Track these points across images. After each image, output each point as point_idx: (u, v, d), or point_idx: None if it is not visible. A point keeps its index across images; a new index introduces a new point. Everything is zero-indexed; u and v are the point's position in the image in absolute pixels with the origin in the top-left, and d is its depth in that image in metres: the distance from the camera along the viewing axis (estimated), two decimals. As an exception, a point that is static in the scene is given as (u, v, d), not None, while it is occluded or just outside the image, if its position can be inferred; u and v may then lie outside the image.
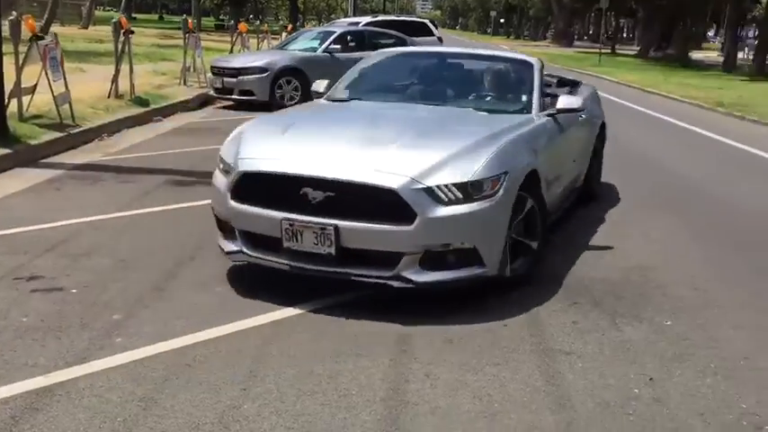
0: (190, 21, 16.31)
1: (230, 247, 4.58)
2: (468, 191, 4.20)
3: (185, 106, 13.46)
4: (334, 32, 15.62)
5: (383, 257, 4.18)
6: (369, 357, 3.72)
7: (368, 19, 21.64)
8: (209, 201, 4.95)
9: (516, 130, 4.97)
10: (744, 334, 4.15)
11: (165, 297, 4.44)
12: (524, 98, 5.76)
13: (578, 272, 5.10)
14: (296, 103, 14.04)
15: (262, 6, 71.48)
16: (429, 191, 4.13)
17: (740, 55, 37.25)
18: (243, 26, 20.16)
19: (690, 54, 36.33)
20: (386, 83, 6.51)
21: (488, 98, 6.00)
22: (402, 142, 4.53)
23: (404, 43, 16.41)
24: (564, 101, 5.53)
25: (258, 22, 26.81)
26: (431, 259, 4.19)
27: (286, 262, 4.32)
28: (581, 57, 41.06)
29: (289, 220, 4.19)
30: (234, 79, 13.94)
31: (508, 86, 6.13)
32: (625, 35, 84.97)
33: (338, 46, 15.00)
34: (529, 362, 3.73)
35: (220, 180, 4.65)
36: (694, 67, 33.37)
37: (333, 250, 4.15)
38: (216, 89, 14.35)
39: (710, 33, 79.01)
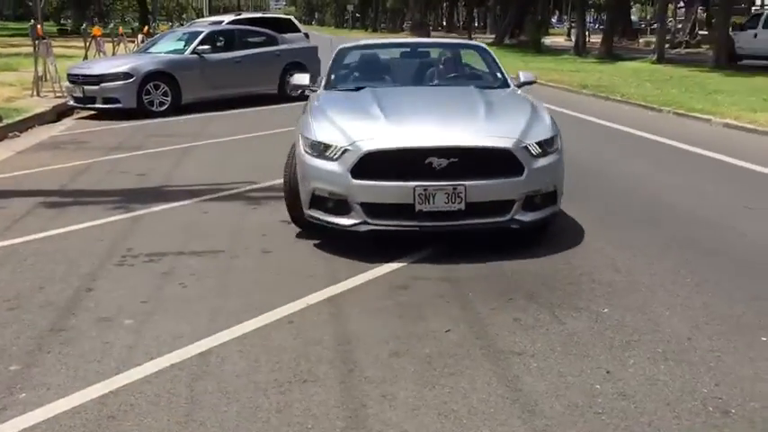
0: (39, 26, 15.07)
1: (348, 221, 5.17)
2: (545, 147, 5.28)
3: (43, 119, 12.40)
4: (201, 32, 14.90)
5: (497, 206, 5.13)
6: (315, 383, 3.43)
7: (231, 17, 20.87)
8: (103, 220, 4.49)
9: (530, 100, 6.10)
10: (677, 314, 4.17)
11: (69, 338, 3.93)
12: (498, 75, 7.00)
13: (505, 266, 5.00)
14: (166, 110, 13.36)
15: (107, 8, 67.95)
16: (527, 148, 5.16)
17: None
18: (97, 30, 18.95)
19: (542, 40, 37.79)
20: (372, 72, 7.18)
21: (470, 77, 7.19)
22: (480, 114, 5.49)
23: (275, 41, 15.97)
24: (523, 75, 7.07)
25: (111, 25, 25.20)
26: (528, 203, 5.20)
27: (416, 224, 5.06)
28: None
29: (422, 186, 4.93)
30: (95, 87, 13.01)
31: (478, 67, 7.35)
32: (477, 24, 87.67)
33: (207, 47, 14.35)
34: (483, 368, 3.56)
35: (327, 162, 5.17)
36: (547, 52, 34.75)
37: (462, 206, 4.98)
38: (76, 99, 13.35)
39: (554, 20, 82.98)
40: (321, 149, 5.26)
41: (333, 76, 6.94)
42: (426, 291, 4.57)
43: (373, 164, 5.04)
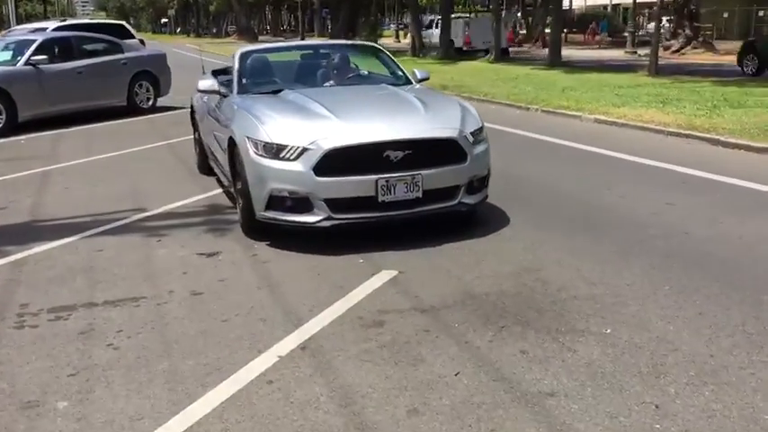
0: None
1: (311, 218, 5.29)
2: (477, 136, 5.75)
3: None
4: (34, 40, 13.29)
5: (447, 192, 5.51)
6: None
7: (56, 24, 19.01)
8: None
9: (450, 96, 7.17)
10: (682, 328, 3.95)
11: (-5, 440, 3.03)
12: (400, 73, 7.27)
13: (473, 287, 4.60)
14: (1, 130, 11.78)
15: None
16: (466, 138, 5.58)
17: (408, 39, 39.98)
18: None
19: (377, 41, 38.27)
20: (281, 75, 7.18)
21: (376, 75, 7.46)
22: (420, 109, 5.80)
23: (119, 48, 14.64)
24: (419, 73, 7.30)
25: None
26: (470, 187, 5.64)
27: (378, 214, 5.30)
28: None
29: (383, 177, 5.20)
30: None
31: (378, 65, 7.55)
32: (299, 27, 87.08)
33: (42, 56, 12.79)
34: (523, 417, 3.12)
35: (284, 163, 5.25)
36: (385, 53, 35.07)
37: (420, 194, 5.31)
38: None
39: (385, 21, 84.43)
40: (275, 151, 5.30)
41: (244, 81, 6.76)
42: (405, 326, 4.07)
43: (334, 161, 5.18)
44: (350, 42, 8.68)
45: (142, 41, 19.51)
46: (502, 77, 19.89)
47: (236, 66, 6.86)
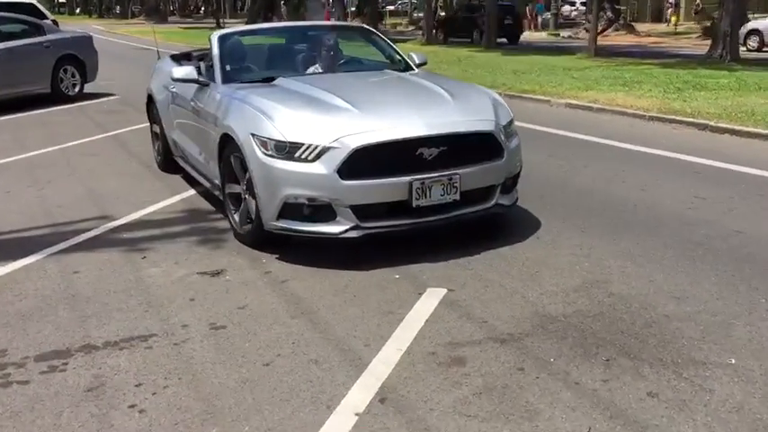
0: None
1: (335, 227, 4.54)
2: (510, 128, 5.10)
3: None
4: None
5: (484, 193, 4.87)
6: None
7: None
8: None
9: (468, 84, 6.13)
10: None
11: None
12: (397, 57, 6.55)
13: (547, 308, 3.98)
14: None
15: None
16: (502, 130, 4.94)
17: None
18: None
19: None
20: (270, 61, 6.39)
21: (372, 60, 6.71)
22: (448, 99, 5.05)
23: (40, 29, 13.24)
24: (417, 57, 6.58)
25: None
26: (504, 187, 5.00)
27: (412, 221, 4.60)
28: (204, 35, 39.18)
29: (418, 179, 4.49)
30: None
31: (378, 50, 6.73)
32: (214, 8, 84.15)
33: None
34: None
35: (301, 165, 4.49)
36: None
37: (457, 196, 4.65)
38: None
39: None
40: (289, 150, 4.54)
41: (228, 68, 5.87)
42: (491, 363, 3.41)
43: (362, 161, 4.45)
44: (338, 24, 7.78)
45: (55, 22, 17.96)
46: (444, 60, 19.37)
47: (216, 51, 5.93)
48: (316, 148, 4.47)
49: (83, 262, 4.90)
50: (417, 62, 6.54)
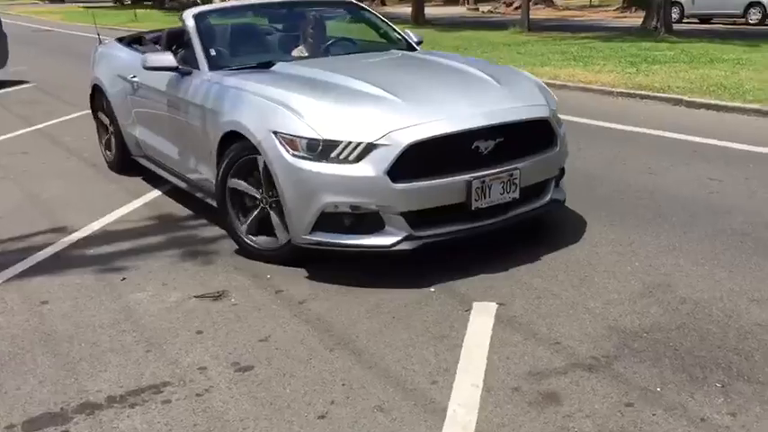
0: None
1: (385, 239, 3.87)
2: (556, 114, 4.48)
3: None
4: None
5: (539, 188, 4.32)
6: None
7: None
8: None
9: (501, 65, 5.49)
10: None
11: None
12: (396, 36, 5.91)
13: (620, 321, 3.49)
14: None
15: None
16: (553, 115, 4.38)
17: None
18: None
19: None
20: (257, 43, 5.59)
21: (375, 40, 5.94)
22: (492, 83, 4.45)
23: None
24: (414, 36, 5.93)
25: None
26: (557, 180, 4.49)
27: (469, 226, 4.00)
28: (110, 13, 36.96)
29: (478, 177, 3.89)
30: None
31: (371, 28, 6.05)
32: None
33: None
34: None
35: (341, 166, 3.80)
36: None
37: (517, 194, 4.08)
38: None
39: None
40: (323, 149, 3.84)
41: (213, 52, 5.03)
42: (590, 397, 2.89)
43: (415, 159, 3.80)
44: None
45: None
46: (350, 32, 18.67)
47: (195, 32, 5.10)
48: (358, 145, 3.79)
49: (49, 289, 4.10)
50: (416, 40, 5.90)
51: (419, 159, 3.81)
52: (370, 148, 3.78)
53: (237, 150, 4.26)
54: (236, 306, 3.81)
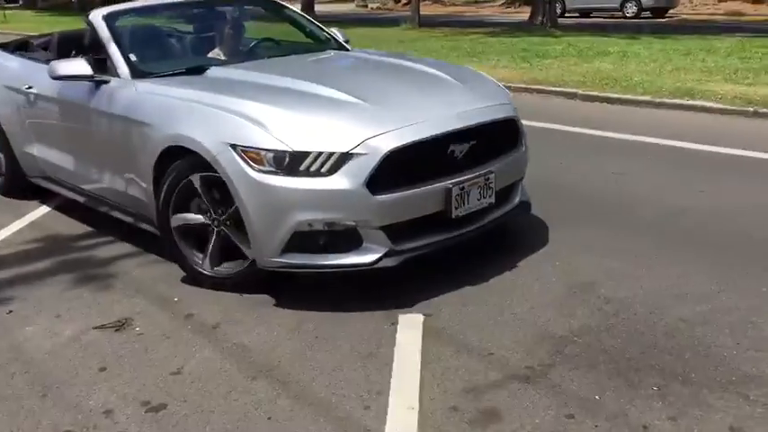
0: None
1: (365, 257, 3.57)
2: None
3: None
4: None
5: (509, 191, 4.19)
6: None
7: None
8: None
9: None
10: None
11: None
12: (325, 35, 5.57)
13: (549, 327, 3.41)
14: None
15: None
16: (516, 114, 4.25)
17: None
18: None
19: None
20: (179, 46, 5.18)
21: (302, 41, 5.55)
22: (455, 84, 4.26)
23: None
24: (340, 34, 5.58)
25: None
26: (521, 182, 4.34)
27: (448, 236, 3.79)
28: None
29: (457, 183, 3.70)
30: None
31: (295, 27, 5.65)
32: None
33: None
34: None
35: (315, 180, 3.45)
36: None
37: (493, 198, 3.94)
38: None
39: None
40: (290, 163, 3.47)
41: (134, 58, 4.48)
42: (531, 413, 2.78)
43: (392, 168, 3.51)
44: None
45: None
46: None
47: (109, 36, 4.54)
48: (330, 156, 3.45)
49: None
50: (342, 39, 5.55)
51: (397, 168, 3.53)
52: (345, 158, 3.46)
53: (180, 169, 3.81)
54: (142, 335, 3.49)
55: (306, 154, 3.46)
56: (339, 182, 3.45)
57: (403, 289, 3.81)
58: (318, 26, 5.71)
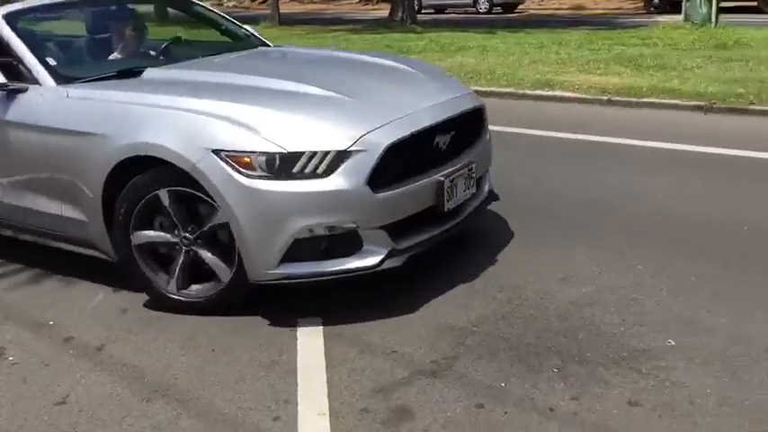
0: None
1: (368, 260, 3.36)
2: None
3: None
4: None
5: (480, 181, 4.13)
6: None
7: None
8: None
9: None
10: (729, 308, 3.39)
11: None
12: (243, 32, 5.28)
13: (448, 319, 3.44)
14: None
15: None
16: None
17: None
18: None
19: None
20: (89, 48, 4.62)
21: (220, 40, 5.24)
22: (419, 75, 4.27)
23: None
24: (255, 30, 5.38)
25: None
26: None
27: (440, 230, 3.70)
28: None
29: (447, 175, 3.64)
30: None
31: (209, 23, 5.35)
32: None
33: None
34: None
35: (311, 182, 3.22)
36: None
37: (475, 188, 3.97)
38: None
39: None
40: (281, 166, 3.22)
41: (53, 63, 3.97)
42: (441, 407, 2.80)
43: (391, 163, 3.37)
44: None
45: None
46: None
47: (16, 38, 3.96)
48: (326, 155, 3.24)
49: None
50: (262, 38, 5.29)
51: (393, 163, 3.38)
52: (343, 156, 3.25)
53: (142, 184, 3.44)
54: (18, 365, 3.21)
55: (299, 155, 3.22)
56: (338, 182, 3.25)
57: (296, 293, 3.72)
58: (234, 23, 5.38)
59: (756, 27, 14.48)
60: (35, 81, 3.84)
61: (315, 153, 3.23)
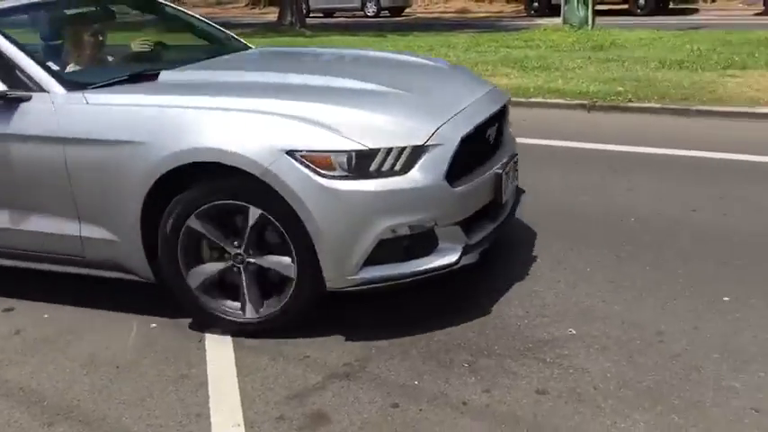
0: None
1: (449, 257, 3.22)
2: None
3: None
4: None
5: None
6: None
7: None
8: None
9: None
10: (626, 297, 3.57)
11: None
12: (223, 34, 5.06)
13: (356, 324, 3.46)
14: None
15: None
16: None
17: None
18: None
19: None
20: (78, 51, 4.11)
21: (200, 44, 4.92)
22: (447, 71, 4.34)
23: None
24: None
25: None
26: None
27: (497, 224, 3.59)
28: None
29: (502, 167, 3.55)
30: None
31: (190, 28, 5.04)
32: None
33: None
34: None
35: (390, 180, 3.06)
36: None
37: (518, 181, 3.99)
38: None
39: None
40: (358, 164, 3.04)
41: (56, 68, 3.63)
42: (357, 409, 2.82)
43: (462, 157, 3.26)
44: None
45: None
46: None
47: (8, 43, 3.50)
48: (403, 151, 3.08)
49: None
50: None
51: (462, 157, 3.27)
52: (420, 151, 3.12)
53: (199, 195, 3.17)
54: None
55: (375, 151, 3.05)
56: (417, 179, 3.10)
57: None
58: (212, 25, 5.10)
59: (629, 29, 15.31)
60: (38, 88, 3.42)
61: (391, 149, 3.08)
